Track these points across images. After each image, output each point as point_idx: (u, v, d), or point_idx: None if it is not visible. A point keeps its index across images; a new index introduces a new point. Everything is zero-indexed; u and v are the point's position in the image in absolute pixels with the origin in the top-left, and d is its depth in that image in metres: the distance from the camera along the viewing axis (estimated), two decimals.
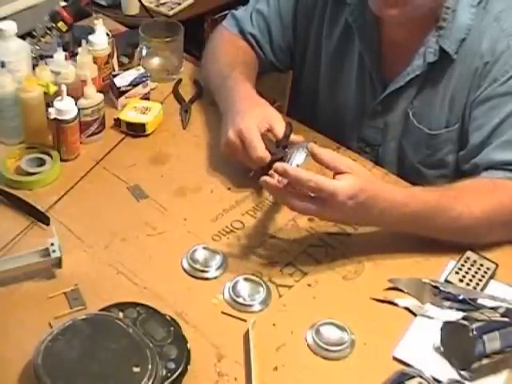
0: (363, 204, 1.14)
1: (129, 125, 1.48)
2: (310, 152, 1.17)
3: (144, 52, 1.61)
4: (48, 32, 1.55)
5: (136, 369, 0.99)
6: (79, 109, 1.39)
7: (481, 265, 1.22)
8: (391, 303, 1.17)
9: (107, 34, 1.55)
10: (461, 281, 1.19)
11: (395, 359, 1.09)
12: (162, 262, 1.22)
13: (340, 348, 1.09)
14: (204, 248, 1.24)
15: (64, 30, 1.55)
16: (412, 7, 1.31)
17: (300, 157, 1.26)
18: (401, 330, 1.12)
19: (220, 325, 1.13)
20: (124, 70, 1.56)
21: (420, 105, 1.45)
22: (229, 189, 1.37)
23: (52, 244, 1.16)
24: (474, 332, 1.04)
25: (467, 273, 1.20)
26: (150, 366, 0.99)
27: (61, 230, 1.23)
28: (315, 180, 1.12)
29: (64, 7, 1.55)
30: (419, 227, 1.22)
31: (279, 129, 1.32)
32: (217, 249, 1.24)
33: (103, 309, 1.08)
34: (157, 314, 1.08)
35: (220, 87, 1.46)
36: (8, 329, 1.10)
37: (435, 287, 1.16)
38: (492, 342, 1.04)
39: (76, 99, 1.39)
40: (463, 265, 1.22)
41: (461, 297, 1.15)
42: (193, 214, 1.31)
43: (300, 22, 1.56)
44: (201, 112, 1.56)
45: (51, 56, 1.47)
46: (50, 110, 1.36)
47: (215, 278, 1.20)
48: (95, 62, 1.51)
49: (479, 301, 1.16)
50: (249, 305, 1.15)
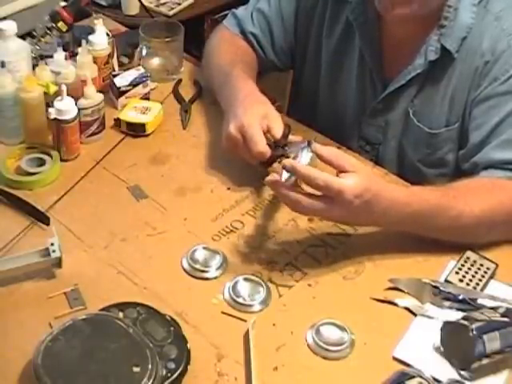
0: (368, 203, 1.14)
1: (129, 125, 1.48)
2: (314, 150, 1.17)
3: (144, 52, 1.61)
4: (48, 32, 1.55)
5: (136, 369, 0.99)
6: (79, 109, 1.39)
7: (481, 265, 1.22)
8: (391, 303, 1.17)
9: (107, 34, 1.55)
10: (461, 281, 1.19)
11: (395, 359, 1.09)
12: (162, 262, 1.22)
13: (340, 348, 1.09)
14: (204, 248, 1.24)
15: (64, 30, 1.55)
16: (419, 5, 1.31)
17: (306, 156, 1.25)
18: (401, 330, 1.12)
19: (220, 325, 1.13)
20: (124, 70, 1.56)
21: (420, 103, 1.45)
22: (228, 189, 1.37)
23: (52, 244, 1.16)
24: (474, 332, 1.04)
25: (467, 273, 1.20)
26: (150, 366, 0.99)
27: (61, 230, 1.23)
28: (323, 178, 1.12)
29: (64, 7, 1.55)
30: (420, 226, 1.22)
31: (278, 129, 1.31)
32: (217, 249, 1.24)
33: (103, 309, 1.08)
34: (157, 314, 1.08)
35: (222, 85, 1.46)
36: (8, 329, 1.10)
37: (435, 287, 1.16)
38: (492, 342, 1.04)
39: (76, 99, 1.39)
40: (463, 265, 1.22)
41: (461, 297, 1.15)
42: (193, 214, 1.31)
43: (301, 22, 1.56)
44: (201, 112, 1.56)
45: (51, 56, 1.48)
46: (50, 110, 1.36)
47: (215, 278, 1.20)
48: (95, 62, 1.51)
49: (479, 301, 1.16)
50: (249, 305, 1.15)
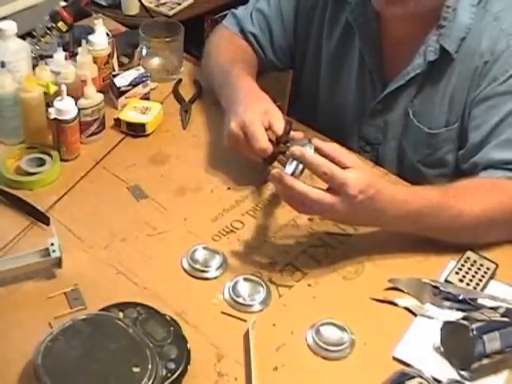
0: (370, 199, 1.14)
1: (129, 125, 1.48)
2: (315, 146, 1.17)
3: (144, 52, 1.61)
4: (48, 32, 1.55)
5: (136, 369, 0.99)
6: (79, 109, 1.39)
7: (481, 265, 1.22)
8: (391, 303, 1.17)
9: (107, 34, 1.55)
10: (461, 281, 1.19)
11: (395, 359, 1.09)
12: (162, 262, 1.22)
13: (340, 348, 1.09)
14: (204, 248, 1.24)
15: (64, 30, 1.55)
16: (415, 3, 1.31)
17: (309, 152, 1.25)
18: (401, 330, 1.12)
19: (220, 325, 1.13)
20: (124, 70, 1.56)
21: (420, 104, 1.45)
22: (229, 189, 1.37)
23: (52, 244, 1.16)
24: (474, 332, 1.04)
25: (467, 273, 1.20)
26: (150, 366, 0.99)
27: (61, 230, 1.23)
28: (330, 166, 1.12)
29: (64, 7, 1.55)
30: (419, 225, 1.21)
31: (279, 126, 1.31)
32: (217, 249, 1.24)
33: (103, 309, 1.08)
34: (157, 314, 1.08)
35: (222, 84, 1.46)
36: (8, 329, 1.10)
37: (435, 287, 1.16)
38: (492, 342, 1.04)
39: (76, 99, 1.39)
40: (463, 265, 1.22)
41: (461, 297, 1.15)
42: (193, 214, 1.31)
43: (301, 22, 1.56)
44: (201, 112, 1.56)
45: (51, 56, 1.48)
46: (50, 110, 1.36)
47: (215, 278, 1.20)
48: (95, 62, 1.51)
49: (479, 301, 1.16)
50: (249, 305, 1.15)
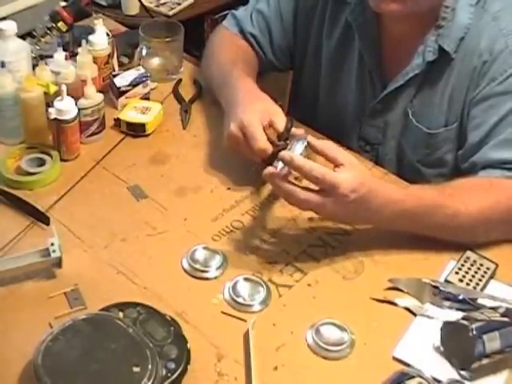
0: (362, 198, 1.14)
1: (129, 125, 1.48)
2: (309, 143, 1.18)
3: (144, 52, 1.61)
4: (48, 32, 1.55)
5: (136, 369, 0.99)
6: (79, 109, 1.39)
7: (481, 265, 1.22)
8: (391, 303, 1.17)
9: (107, 34, 1.55)
10: (461, 281, 1.19)
11: (395, 359, 1.09)
12: (162, 262, 1.22)
13: (340, 348, 1.09)
14: (204, 248, 1.24)
15: (64, 30, 1.55)
16: (412, 3, 1.31)
17: (300, 147, 1.25)
18: (401, 330, 1.12)
19: (220, 325, 1.13)
20: (124, 70, 1.56)
21: (419, 104, 1.45)
22: (228, 189, 1.37)
23: (52, 244, 1.16)
24: (474, 332, 1.04)
25: (467, 273, 1.20)
26: (150, 366, 0.99)
27: (61, 230, 1.23)
28: (319, 170, 1.13)
29: (64, 7, 1.55)
30: (415, 224, 1.22)
31: (280, 123, 1.31)
32: (217, 249, 1.24)
33: (103, 309, 1.08)
34: (157, 314, 1.08)
35: (222, 84, 1.46)
36: (8, 329, 1.10)
37: (435, 287, 1.16)
38: (492, 342, 1.04)
39: (76, 99, 1.39)
40: (463, 265, 1.22)
41: (461, 297, 1.15)
42: (193, 214, 1.31)
43: (300, 23, 1.56)
44: (201, 112, 1.56)
45: (51, 56, 1.48)
46: (50, 110, 1.36)
47: (215, 278, 1.20)
48: (95, 62, 1.51)
49: (479, 301, 1.16)
50: (249, 305, 1.15)
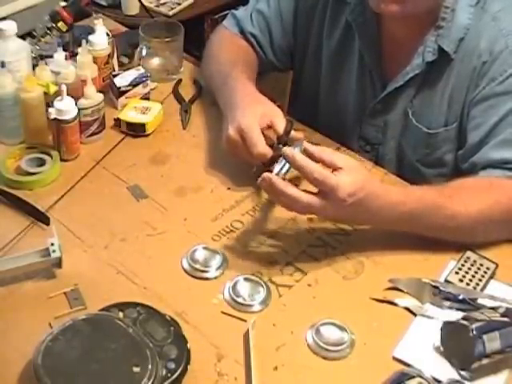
0: (362, 201, 1.14)
1: (129, 125, 1.48)
2: (305, 149, 1.17)
3: (144, 52, 1.61)
4: (48, 32, 1.55)
5: (136, 369, 0.99)
6: (79, 109, 1.39)
7: (481, 265, 1.22)
8: (391, 303, 1.17)
9: (107, 34, 1.55)
10: (461, 281, 1.19)
11: (395, 359, 1.09)
12: (162, 262, 1.22)
13: (340, 348, 1.09)
14: (204, 248, 1.24)
15: (64, 30, 1.55)
16: (412, 4, 1.31)
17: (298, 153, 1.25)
18: (401, 330, 1.12)
19: (220, 325, 1.13)
20: (124, 70, 1.56)
21: (419, 104, 1.45)
22: (228, 189, 1.37)
23: (52, 244, 1.16)
24: (474, 332, 1.04)
25: (467, 273, 1.20)
26: (150, 366, 0.99)
27: (61, 230, 1.23)
28: (320, 171, 1.13)
29: (64, 7, 1.55)
30: (415, 226, 1.22)
31: (280, 125, 1.31)
32: (217, 249, 1.24)
33: (103, 309, 1.08)
34: (157, 314, 1.08)
35: (221, 86, 1.46)
36: (8, 329, 1.10)
37: (435, 287, 1.16)
38: (492, 342, 1.04)
39: (76, 99, 1.39)
40: (463, 265, 1.22)
41: (461, 297, 1.15)
42: (193, 214, 1.31)
43: (300, 23, 1.56)
44: (201, 112, 1.56)
45: (51, 56, 1.48)
46: (50, 110, 1.36)
47: (215, 278, 1.20)
48: (95, 62, 1.51)
49: (479, 301, 1.16)
50: (249, 305, 1.15)
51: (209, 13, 2.58)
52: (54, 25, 1.54)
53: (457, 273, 1.20)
